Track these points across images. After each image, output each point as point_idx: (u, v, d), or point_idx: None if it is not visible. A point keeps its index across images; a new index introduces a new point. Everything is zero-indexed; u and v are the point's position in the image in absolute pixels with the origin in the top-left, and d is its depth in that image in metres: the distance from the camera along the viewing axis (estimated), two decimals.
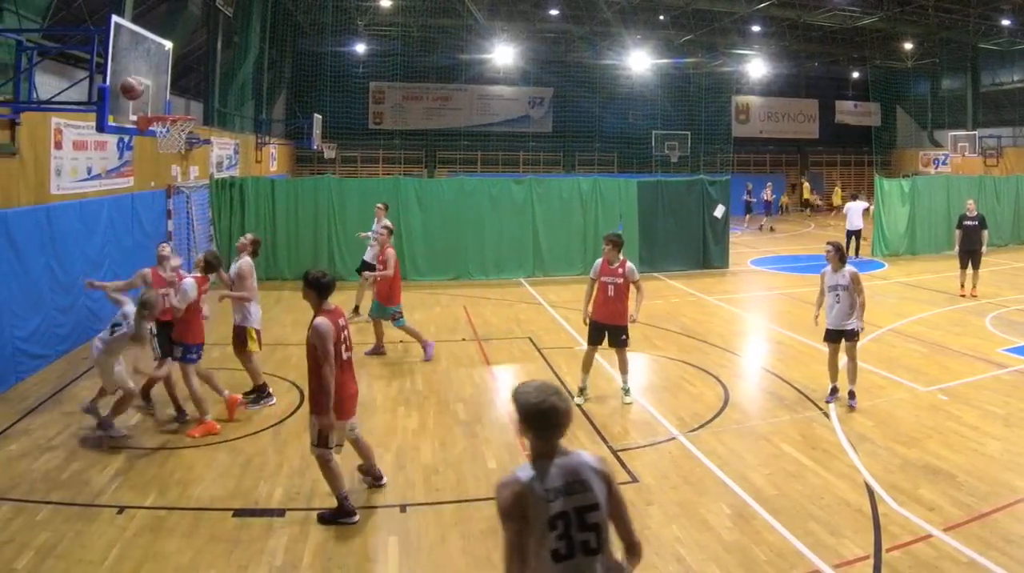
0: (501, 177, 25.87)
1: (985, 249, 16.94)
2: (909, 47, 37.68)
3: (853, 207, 23.43)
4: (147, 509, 6.83)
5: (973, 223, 16.94)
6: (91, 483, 7.36)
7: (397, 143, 40.12)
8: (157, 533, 6.41)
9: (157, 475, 7.61)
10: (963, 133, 35.64)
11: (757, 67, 38.84)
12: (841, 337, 9.72)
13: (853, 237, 22.76)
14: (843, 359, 9.89)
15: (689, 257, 20.94)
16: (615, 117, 41.44)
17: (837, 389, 9.87)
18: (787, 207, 38.43)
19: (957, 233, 17.22)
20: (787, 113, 44.47)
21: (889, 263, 22.30)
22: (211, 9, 21.97)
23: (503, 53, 35.60)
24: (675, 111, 40.79)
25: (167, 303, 8.97)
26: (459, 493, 7.31)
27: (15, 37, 10.76)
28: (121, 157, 14.37)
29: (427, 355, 12.09)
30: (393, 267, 11.96)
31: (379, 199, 16.45)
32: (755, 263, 22.93)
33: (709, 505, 6.98)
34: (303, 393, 9.75)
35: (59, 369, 11.12)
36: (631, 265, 9.97)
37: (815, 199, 38.82)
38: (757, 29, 35.17)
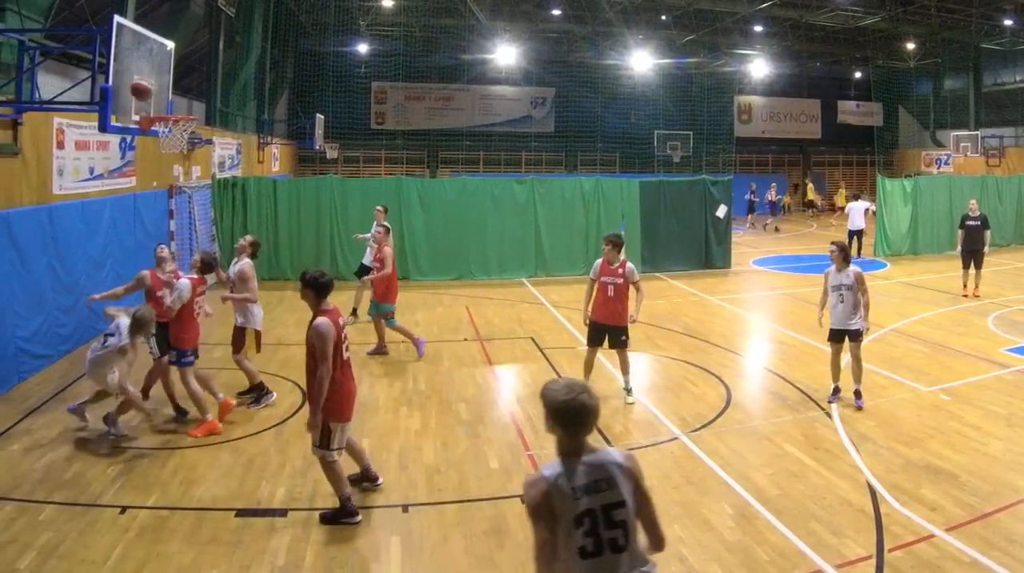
0: (503, 177, 25.88)
1: (987, 249, 16.92)
2: (911, 47, 37.64)
3: (855, 207, 23.41)
4: (149, 509, 6.84)
5: (976, 223, 16.91)
6: (93, 483, 7.36)
7: (399, 143, 40.12)
8: (159, 533, 6.41)
9: (159, 475, 7.62)
10: (965, 133, 35.57)
11: (759, 67, 38.81)
12: (844, 337, 9.71)
13: (855, 237, 22.74)
14: (845, 359, 9.89)
15: (691, 257, 20.94)
16: (617, 117, 41.41)
17: (839, 389, 9.86)
18: (789, 207, 38.40)
19: (960, 233, 17.20)
20: (789, 113, 44.42)
21: (891, 263, 22.28)
22: (213, 9, 21.97)
23: (505, 53, 35.56)
24: (677, 111, 40.78)
25: (165, 304, 8.99)
26: (461, 493, 7.31)
27: (17, 37, 10.76)
28: (123, 157, 14.38)
29: (420, 352, 12.12)
30: (391, 266, 11.99)
31: (381, 199, 16.46)
32: (757, 263, 22.91)
33: (711, 505, 6.98)
34: (305, 393, 9.74)
35: (61, 369, 11.13)
36: (631, 265, 9.96)
37: (818, 200, 38.78)
38: (759, 29, 35.14)
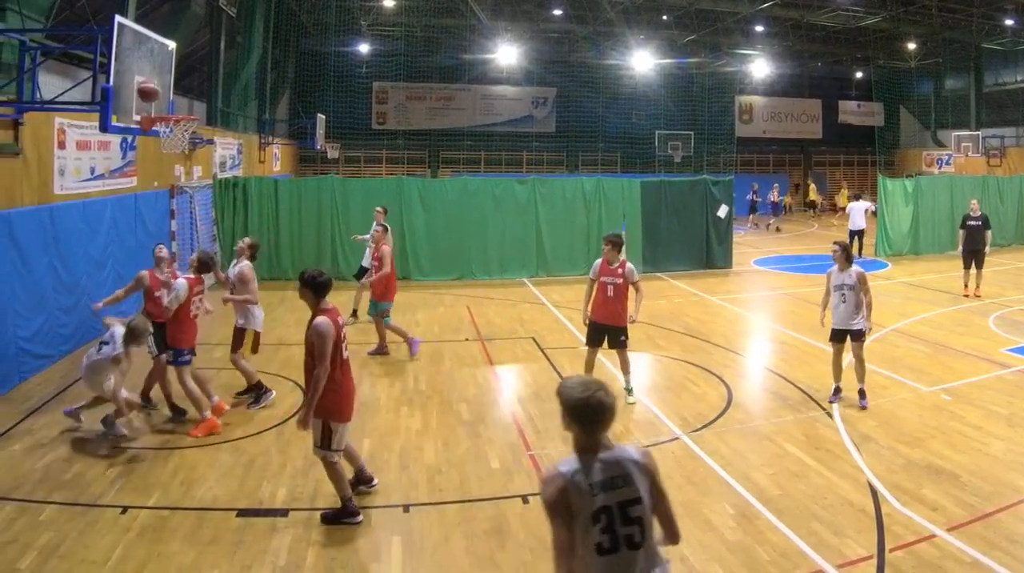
0: (504, 177, 25.86)
1: (989, 249, 16.92)
2: (912, 47, 37.59)
3: (856, 207, 23.40)
4: (150, 509, 6.84)
5: (977, 223, 16.91)
6: (94, 483, 7.36)
7: (400, 143, 40.11)
8: (160, 533, 6.42)
9: (160, 475, 7.62)
10: (966, 133, 35.53)
11: (760, 67, 38.77)
12: (846, 337, 9.70)
13: (856, 237, 22.73)
14: (847, 359, 9.89)
15: (692, 257, 20.94)
16: (618, 117, 41.40)
17: (840, 389, 9.85)
18: (790, 207, 38.39)
19: (961, 233, 17.20)
20: (790, 113, 44.38)
21: (892, 263, 22.27)
22: (214, 9, 21.96)
23: (506, 53, 35.54)
24: (678, 111, 40.76)
25: (163, 304, 9.01)
26: (462, 493, 7.30)
27: (18, 37, 10.75)
28: (124, 157, 14.38)
29: (412, 352, 12.12)
30: (390, 265, 12.01)
31: (382, 199, 16.47)
32: (758, 263, 22.91)
33: (712, 505, 6.97)
34: (305, 393, 9.74)
35: (62, 369, 11.12)
36: (631, 266, 9.95)
37: (819, 200, 38.79)
38: (760, 29, 35.12)
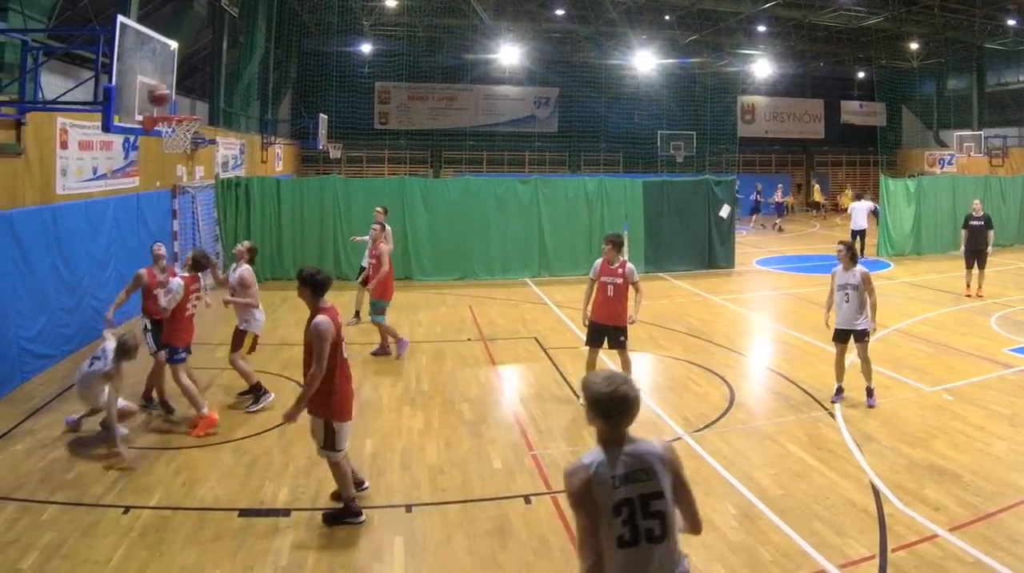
0: (507, 177, 25.84)
1: (991, 249, 16.90)
2: (915, 47, 37.56)
3: (858, 207, 23.36)
4: (152, 509, 6.84)
5: (979, 223, 16.89)
6: (96, 483, 7.36)
7: (403, 143, 40.15)
8: (162, 533, 6.42)
9: (162, 475, 7.62)
10: (969, 133, 35.50)
11: (763, 67, 38.75)
12: (849, 337, 9.68)
13: (858, 237, 22.68)
14: (849, 359, 9.89)
15: (695, 257, 20.93)
16: (621, 117, 41.44)
17: (842, 389, 9.85)
18: (792, 207, 38.38)
19: (963, 233, 17.19)
20: (792, 113, 44.39)
21: (895, 263, 22.26)
22: (216, 9, 21.97)
23: (509, 53, 35.55)
24: (681, 111, 40.78)
25: (160, 303, 9.04)
26: (465, 493, 7.30)
27: (21, 37, 10.76)
28: (127, 157, 14.39)
29: (399, 353, 12.07)
30: (389, 263, 12.03)
31: (385, 199, 16.48)
32: (761, 263, 22.89)
33: (714, 505, 6.96)
34: None
35: (64, 369, 11.10)
36: (631, 266, 9.94)
37: (824, 201, 38.79)
38: (763, 29, 35.11)
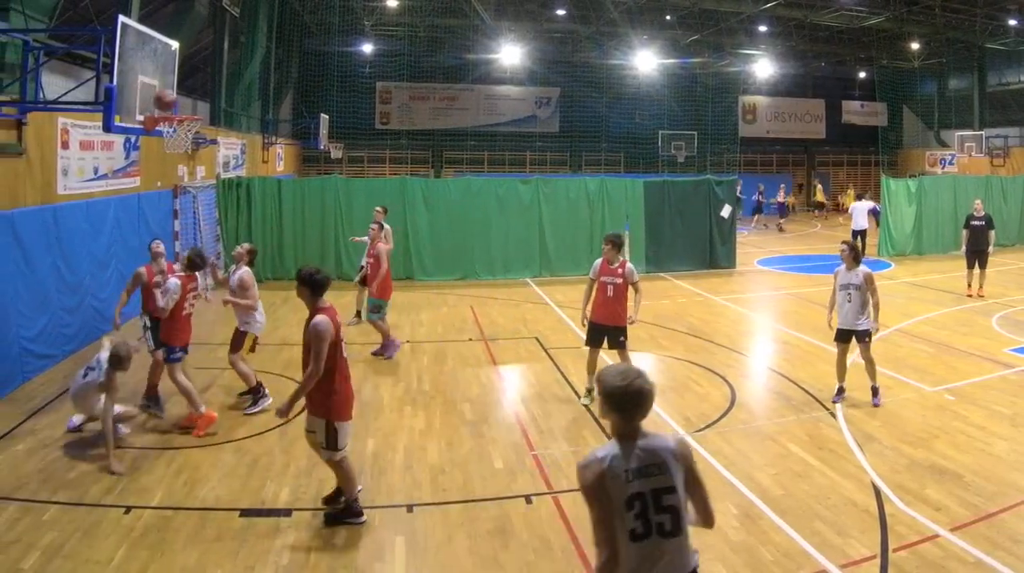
0: (508, 177, 25.84)
1: (992, 249, 16.89)
2: (916, 47, 37.52)
3: (858, 207, 23.31)
4: (153, 509, 6.84)
5: (980, 223, 16.88)
6: (97, 483, 7.37)
7: (404, 143, 40.14)
8: (163, 533, 6.42)
9: (163, 475, 7.63)
10: (970, 133, 35.49)
11: (764, 67, 38.70)
12: (851, 337, 9.67)
13: (858, 237, 22.65)
14: (851, 358, 9.89)
15: (696, 257, 20.92)
16: (622, 117, 41.44)
17: (844, 389, 9.84)
18: (794, 207, 38.38)
19: (964, 233, 17.18)
20: (794, 113, 44.35)
21: (896, 263, 22.26)
22: (218, 9, 21.97)
23: (510, 53, 35.51)
24: (682, 111, 40.75)
25: (158, 302, 9.07)
26: (466, 493, 7.31)
27: (22, 37, 10.76)
28: (127, 157, 14.40)
29: (388, 354, 12.03)
30: (387, 262, 12.06)
31: (386, 199, 16.48)
32: (762, 263, 22.88)
33: (715, 505, 6.83)
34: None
35: (65, 369, 11.10)
36: (631, 266, 9.95)
37: (826, 201, 38.79)
38: (764, 29, 35.07)
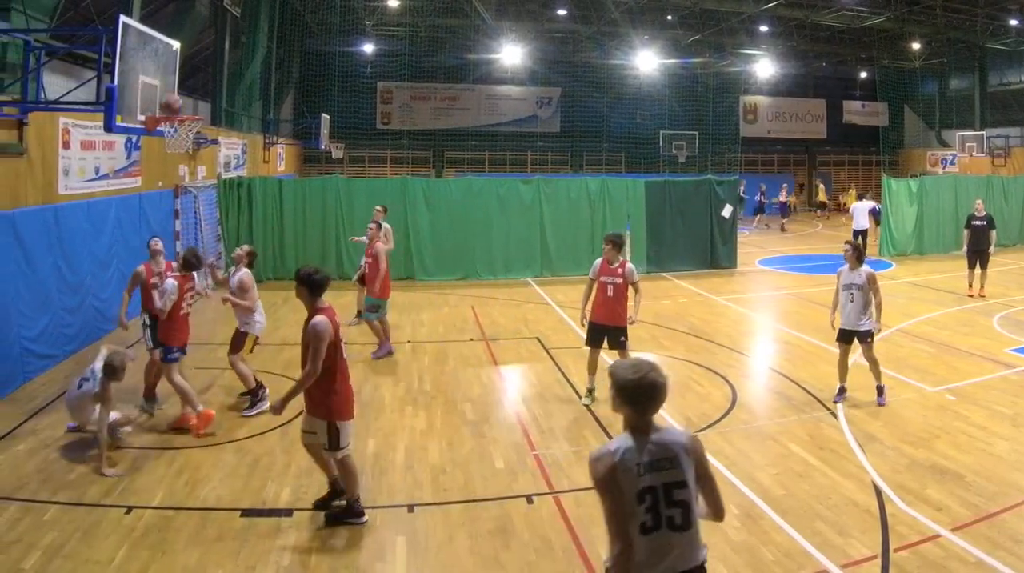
0: (509, 177, 25.85)
1: (993, 249, 16.89)
2: (917, 47, 37.49)
3: (859, 207, 23.33)
4: (154, 509, 6.84)
5: (981, 223, 16.87)
6: (98, 483, 7.37)
7: (405, 143, 40.13)
8: (164, 533, 6.42)
9: (164, 475, 7.63)
10: (971, 133, 35.47)
11: (765, 67, 38.67)
12: (853, 337, 9.66)
13: (859, 237, 22.65)
14: (853, 358, 9.89)
15: (697, 257, 20.92)
16: (623, 117, 41.43)
17: (845, 389, 9.83)
18: (795, 207, 38.39)
19: (965, 233, 17.17)
20: (795, 113, 44.32)
21: (897, 263, 22.25)
22: (219, 9, 21.97)
23: (511, 53, 35.50)
24: (683, 111, 40.74)
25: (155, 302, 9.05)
26: (467, 493, 7.30)
27: (23, 37, 10.77)
28: (129, 157, 14.40)
29: (375, 354, 11.97)
30: (385, 262, 12.07)
31: (387, 199, 16.48)
32: (763, 263, 22.88)
33: None
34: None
35: (67, 369, 11.11)
36: (631, 266, 9.95)
37: (828, 202, 38.79)
38: (765, 29, 35.08)
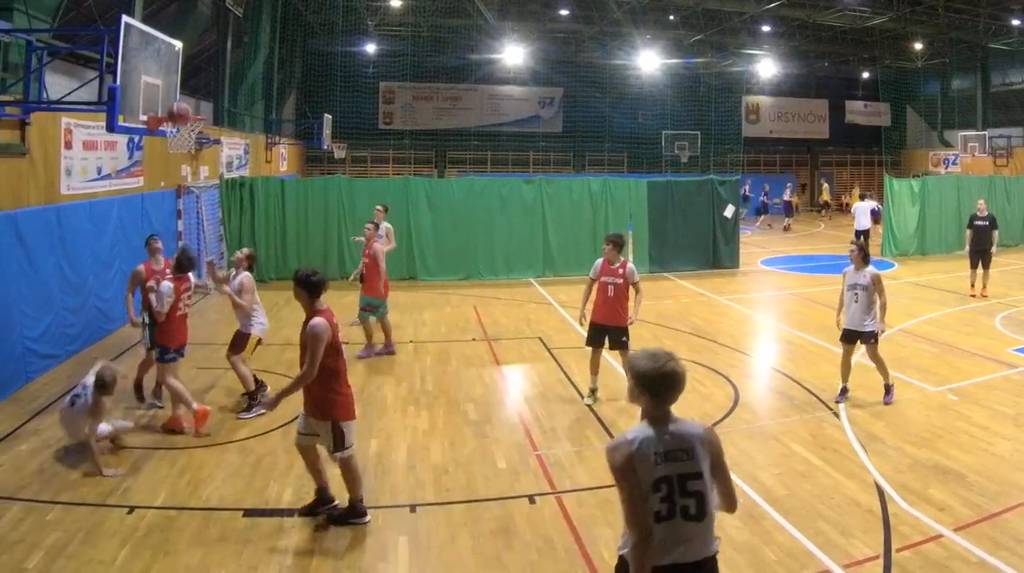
0: (511, 177, 25.86)
1: (995, 249, 16.88)
2: (919, 47, 37.49)
3: (861, 207, 23.34)
4: (157, 509, 6.85)
5: (984, 223, 16.87)
6: (101, 483, 7.37)
7: (407, 143, 40.14)
8: (167, 533, 6.42)
9: (167, 475, 7.63)
10: (973, 133, 35.47)
11: (767, 67, 38.68)
12: (857, 338, 9.65)
13: (861, 237, 22.65)
14: (855, 358, 9.88)
15: (699, 257, 20.92)
16: (625, 117, 41.42)
17: (847, 389, 9.83)
18: (797, 207, 38.36)
19: (968, 233, 17.16)
20: (797, 113, 44.32)
21: (899, 263, 22.24)
22: (221, 9, 22.00)
23: (513, 53, 35.50)
24: (685, 111, 40.73)
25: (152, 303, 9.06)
26: (469, 493, 7.30)
27: (25, 37, 10.78)
28: (131, 157, 14.40)
29: (361, 354, 11.94)
30: (383, 262, 12.10)
31: (388, 199, 16.48)
32: (765, 263, 22.87)
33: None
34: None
35: (69, 369, 11.12)
36: (631, 266, 9.96)
37: (830, 200, 38.77)
38: (767, 29, 35.08)
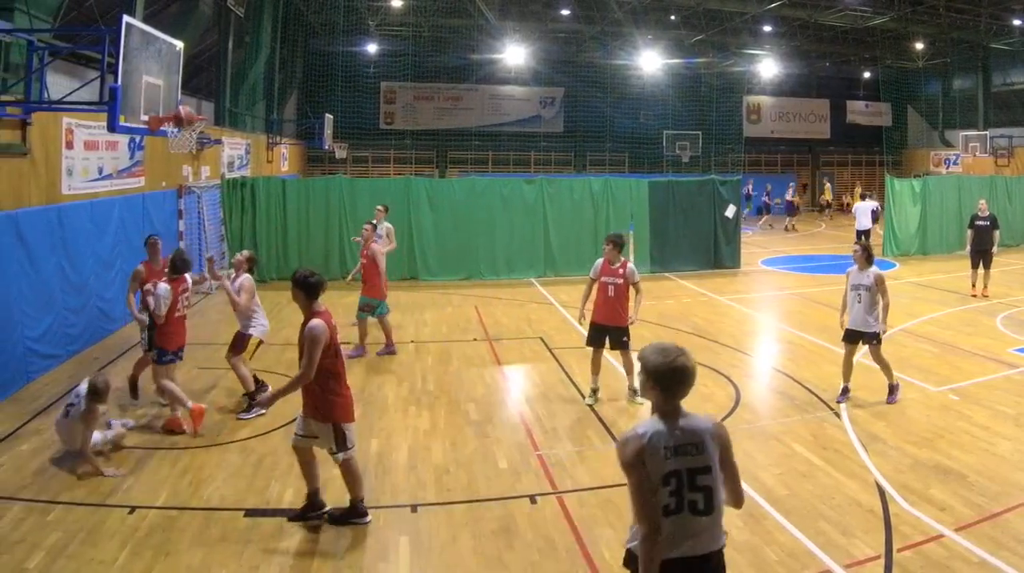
0: (512, 177, 25.86)
1: (996, 249, 16.88)
2: (920, 47, 37.48)
3: (861, 207, 23.37)
4: (158, 509, 6.85)
5: (985, 223, 16.86)
6: (102, 483, 7.38)
7: (408, 143, 40.16)
8: (168, 533, 6.42)
9: (168, 475, 7.64)
10: (974, 133, 35.48)
11: (768, 67, 38.67)
12: (859, 338, 9.64)
13: (862, 237, 22.65)
14: (857, 357, 9.87)
15: (700, 257, 20.91)
16: (626, 117, 41.42)
17: (848, 389, 9.82)
18: (799, 207, 38.33)
19: (969, 233, 17.15)
20: (798, 113, 44.32)
21: (900, 263, 22.22)
22: (222, 9, 22.01)
23: (514, 53, 35.51)
24: (686, 111, 40.75)
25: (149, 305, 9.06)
26: (470, 493, 7.30)
27: (26, 37, 10.78)
28: (132, 157, 14.42)
29: (352, 353, 11.83)
30: (383, 262, 12.10)
31: (389, 199, 16.49)
32: (766, 263, 22.86)
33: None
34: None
35: (70, 369, 11.14)
36: (632, 266, 9.97)
37: (831, 200, 38.75)
38: (768, 29, 35.08)
